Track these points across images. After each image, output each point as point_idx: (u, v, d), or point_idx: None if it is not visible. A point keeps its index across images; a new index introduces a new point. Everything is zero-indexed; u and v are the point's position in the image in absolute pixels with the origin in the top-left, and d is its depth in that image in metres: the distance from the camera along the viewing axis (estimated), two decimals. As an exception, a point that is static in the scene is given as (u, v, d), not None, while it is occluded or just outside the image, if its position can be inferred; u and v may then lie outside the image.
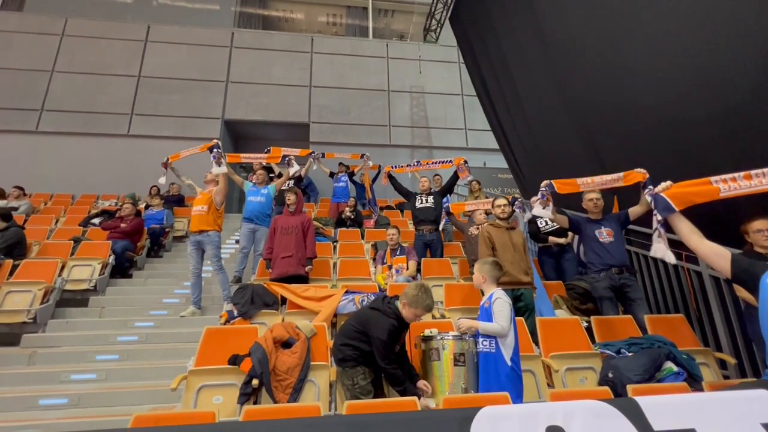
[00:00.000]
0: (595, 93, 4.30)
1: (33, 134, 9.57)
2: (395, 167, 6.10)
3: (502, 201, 3.74)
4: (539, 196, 3.24)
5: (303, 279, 3.98)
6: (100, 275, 4.78)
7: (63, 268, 4.66)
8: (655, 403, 1.11)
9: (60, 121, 9.75)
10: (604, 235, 3.39)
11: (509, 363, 2.22)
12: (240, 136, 11.83)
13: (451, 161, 5.57)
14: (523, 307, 3.31)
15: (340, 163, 8.94)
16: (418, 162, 6.24)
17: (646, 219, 3.90)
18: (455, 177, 5.43)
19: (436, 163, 5.95)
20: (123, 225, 5.66)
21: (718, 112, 3.01)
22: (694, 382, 2.47)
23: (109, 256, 5.09)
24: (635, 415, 1.08)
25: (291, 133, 11.58)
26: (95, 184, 9.36)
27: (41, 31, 10.30)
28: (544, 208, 3.23)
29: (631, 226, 3.68)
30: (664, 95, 3.42)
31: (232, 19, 11.79)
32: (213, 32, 11.15)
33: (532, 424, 1.03)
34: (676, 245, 3.73)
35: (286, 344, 2.71)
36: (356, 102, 11.43)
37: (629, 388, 2.12)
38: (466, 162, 5.36)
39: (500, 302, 2.35)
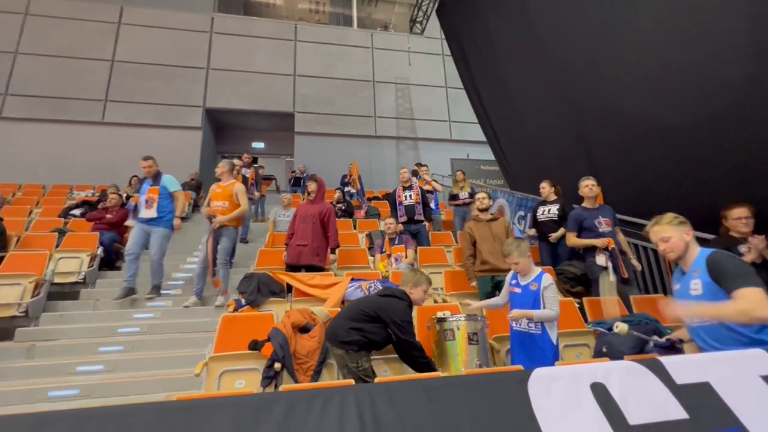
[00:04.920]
0: (587, 89, 4.52)
1: (-4, 120, 8.98)
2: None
3: (481, 195, 4.00)
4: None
5: (316, 269, 4.03)
6: (89, 267, 4.65)
7: (49, 260, 4.49)
8: (675, 362, 1.30)
9: (27, 107, 9.19)
10: (603, 225, 3.66)
11: (555, 342, 2.43)
12: (222, 125, 11.55)
13: None
14: None
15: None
16: None
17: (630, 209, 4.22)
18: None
19: None
20: (109, 216, 5.49)
21: (704, 118, 3.27)
22: (677, 352, 2.75)
23: (98, 247, 4.94)
24: (661, 372, 1.26)
25: (275, 123, 11.41)
26: (68, 173, 8.94)
27: (0, 8, 9.58)
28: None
29: (620, 216, 3.99)
30: (655, 97, 3.65)
31: (212, 3, 11.36)
32: (191, 16, 10.74)
33: (578, 381, 1.19)
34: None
35: (304, 329, 2.79)
36: (342, 92, 11.38)
37: (627, 359, 2.34)
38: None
39: (553, 288, 2.47)
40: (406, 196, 5.44)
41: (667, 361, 1.29)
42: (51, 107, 9.30)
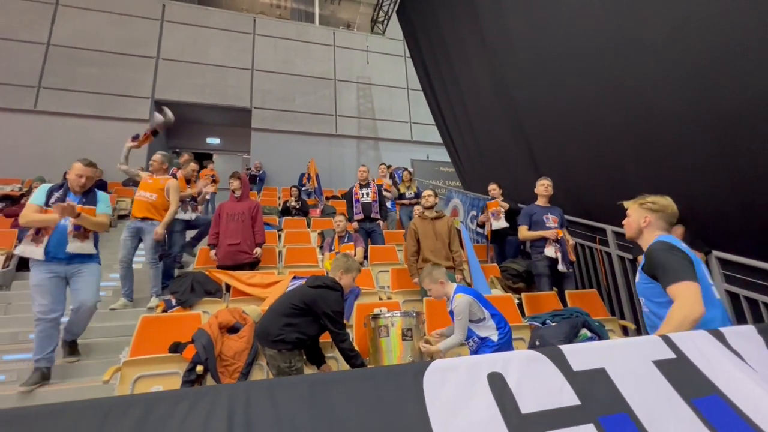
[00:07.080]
0: (530, 95, 4.66)
1: None
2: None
3: (427, 192, 3.99)
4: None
5: (251, 266, 3.85)
6: (3, 268, 4.21)
7: (-46, 260, 4.02)
8: (574, 350, 1.30)
9: (-58, 91, 8.23)
10: (550, 221, 3.78)
11: (496, 340, 2.42)
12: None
13: None
14: None
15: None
16: None
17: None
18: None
19: None
20: (32, 212, 4.98)
21: (633, 118, 3.43)
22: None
23: (15, 246, 4.47)
24: (559, 359, 1.26)
25: (231, 119, 10.98)
26: (-9, 165, 8.09)
27: None
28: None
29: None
30: (590, 102, 3.81)
31: (163, -11, 10.75)
32: (139, 2, 10.10)
33: (475, 372, 1.16)
34: (592, 230, 4.25)
35: (233, 329, 2.64)
36: (302, 89, 11.13)
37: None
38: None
39: (458, 309, 2.41)
40: (363, 194, 5.39)
41: (567, 349, 1.29)
42: (-28, 92, 8.39)
